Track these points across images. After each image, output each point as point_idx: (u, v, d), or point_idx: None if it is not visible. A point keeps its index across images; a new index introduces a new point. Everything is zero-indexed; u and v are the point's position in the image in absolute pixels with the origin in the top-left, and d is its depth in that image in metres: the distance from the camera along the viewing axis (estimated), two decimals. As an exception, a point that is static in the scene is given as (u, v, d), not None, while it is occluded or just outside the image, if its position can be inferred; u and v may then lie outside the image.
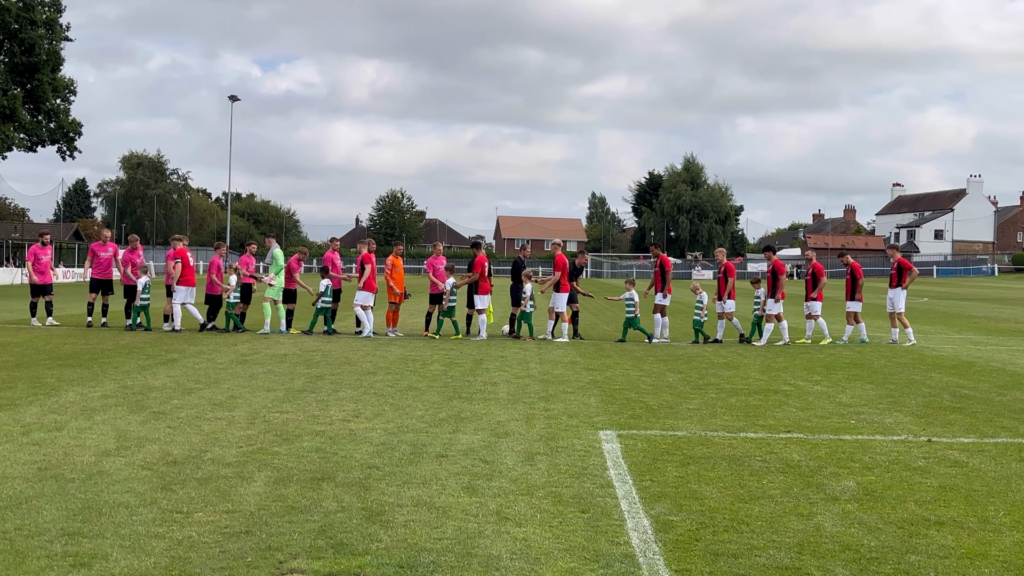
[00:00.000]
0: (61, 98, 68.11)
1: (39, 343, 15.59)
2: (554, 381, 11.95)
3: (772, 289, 18.18)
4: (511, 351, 15.90)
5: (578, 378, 12.32)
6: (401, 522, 5.44)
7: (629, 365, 14.07)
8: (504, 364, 13.87)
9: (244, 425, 8.37)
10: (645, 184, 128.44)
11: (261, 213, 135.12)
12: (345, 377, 11.96)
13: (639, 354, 15.81)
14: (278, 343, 16.48)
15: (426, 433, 8.17)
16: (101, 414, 8.78)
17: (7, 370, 11.91)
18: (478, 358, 14.62)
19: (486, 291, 18.50)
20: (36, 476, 6.30)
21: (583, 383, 11.81)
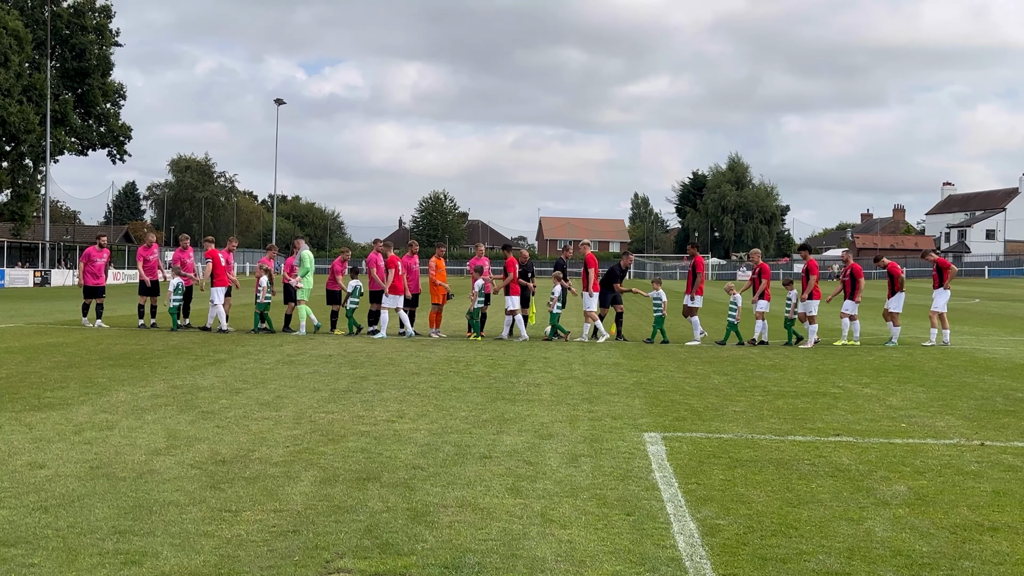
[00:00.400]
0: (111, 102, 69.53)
1: (91, 344, 15.91)
2: (598, 383, 11.91)
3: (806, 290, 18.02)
4: (554, 353, 15.87)
5: (622, 380, 12.26)
6: (446, 523, 5.45)
7: (673, 367, 13.96)
8: (547, 365, 13.85)
9: (291, 425, 8.46)
10: (689, 184, 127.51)
11: (306, 215, 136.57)
12: (389, 378, 12.03)
13: (683, 356, 15.68)
14: (323, 344, 16.63)
15: (470, 434, 8.19)
16: (151, 413, 8.93)
17: (60, 370, 12.18)
18: (521, 359, 14.62)
19: (517, 293, 18.48)
20: (88, 475, 6.43)
21: (627, 385, 11.75)
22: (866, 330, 20.15)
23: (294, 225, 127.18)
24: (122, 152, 71.38)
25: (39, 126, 59.07)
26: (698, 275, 18.48)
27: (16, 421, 8.38)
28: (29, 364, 12.75)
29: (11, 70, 57.44)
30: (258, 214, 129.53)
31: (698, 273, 18.51)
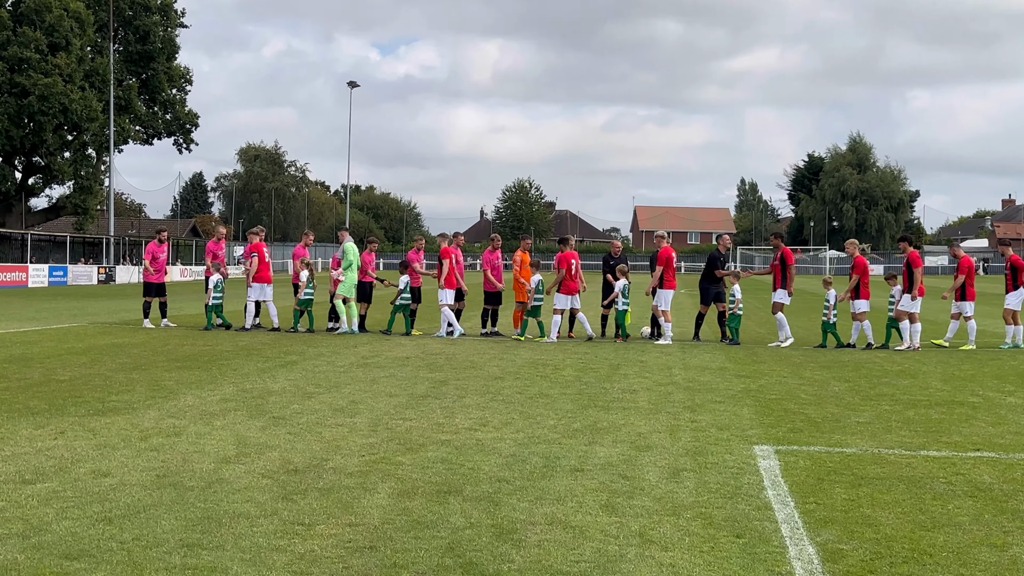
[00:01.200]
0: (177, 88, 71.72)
1: (156, 344, 16.46)
2: (701, 389, 11.79)
3: (908, 285, 17.52)
4: (651, 355, 15.75)
5: (728, 386, 12.12)
6: (534, 541, 5.45)
7: (787, 372, 13.71)
8: (644, 369, 13.77)
9: (366, 432, 8.59)
10: (803, 168, 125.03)
11: (381, 206, 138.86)
12: (471, 382, 12.12)
13: (798, 360, 15.38)
14: (400, 345, 16.86)
15: (559, 444, 8.19)
16: (220, 419, 9.18)
17: (125, 372, 12.63)
18: (615, 363, 14.56)
19: (572, 291, 18.37)
20: (155, 484, 6.64)
21: (734, 392, 11.61)
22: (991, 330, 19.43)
23: (368, 217, 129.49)
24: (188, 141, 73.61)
25: (102, 114, 61.15)
26: (788, 268, 18.07)
27: (80, 426, 8.71)
28: (93, 366, 13.26)
29: (72, 54, 59.72)
30: (330, 205, 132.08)
31: (788, 266, 18.11)
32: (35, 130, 60.16)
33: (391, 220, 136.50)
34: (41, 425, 8.70)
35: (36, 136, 60.38)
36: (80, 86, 60.24)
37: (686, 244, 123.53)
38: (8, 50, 57.80)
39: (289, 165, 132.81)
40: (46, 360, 13.81)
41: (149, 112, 70.76)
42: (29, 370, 12.66)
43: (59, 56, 58.80)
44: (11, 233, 58.50)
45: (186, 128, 72.80)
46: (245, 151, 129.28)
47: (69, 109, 58.39)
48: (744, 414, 9.96)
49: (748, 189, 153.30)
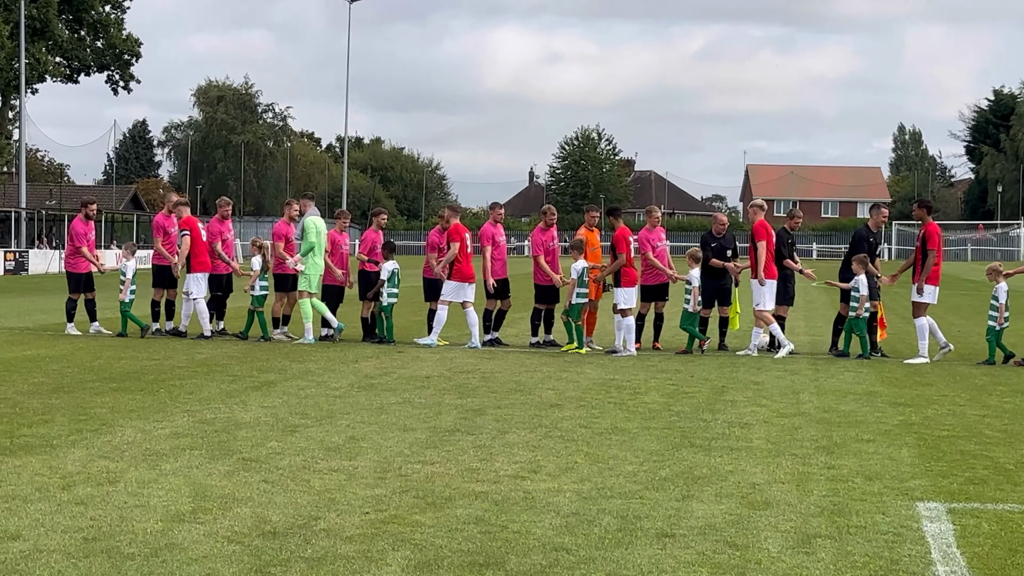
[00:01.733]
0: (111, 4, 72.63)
1: (84, 358, 16.67)
2: (841, 422, 11.69)
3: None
4: (770, 374, 15.65)
5: (880, 418, 12.00)
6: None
7: (964, 398, 13.56)
8: (760, 394, 13.68)
9: (371, 481, 8.61)
10: (988, 110, 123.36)
11: (391, 167, 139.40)
12: (516, 411, 12.12)
13: (980, 382, 15.19)
14: (417, 359, 16.91)
15: (641, 499, 8.15)
16: (170, 460, 9.26)
17: (42, 396, 12.80)
18: (719, 385, 14.48)
19: (633, 282, 18.33)
20: (81, 550, 6.71)
21: (888, 426, 11.50)
22: None
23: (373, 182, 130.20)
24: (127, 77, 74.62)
25: (9, 40, 62.03)
26: (930, 252, 17.68)
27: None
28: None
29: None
30: (322, 165, 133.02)
31: (928, 251, 17.72)
32: (-83, 62, 61.13)
33: (406, 186, 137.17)
34: (-73, 468, 8.84)
35: (-81, 70, 61.35)
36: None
37: (819, 218, 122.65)
38: None
39: (265, 110, 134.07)
40: (-66, 379, 14.04)
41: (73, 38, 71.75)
42: (-89, 393, 12.88)
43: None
44: None
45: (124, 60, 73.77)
46: (204, 91, 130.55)
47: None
48: (903, 458, 9.85)
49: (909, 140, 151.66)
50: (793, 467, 9.38)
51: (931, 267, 17.61)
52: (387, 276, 19.37)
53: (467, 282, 19.04)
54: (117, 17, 73.07)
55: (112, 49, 72.90)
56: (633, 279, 18.45)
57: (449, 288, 18.94)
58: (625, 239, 18.39)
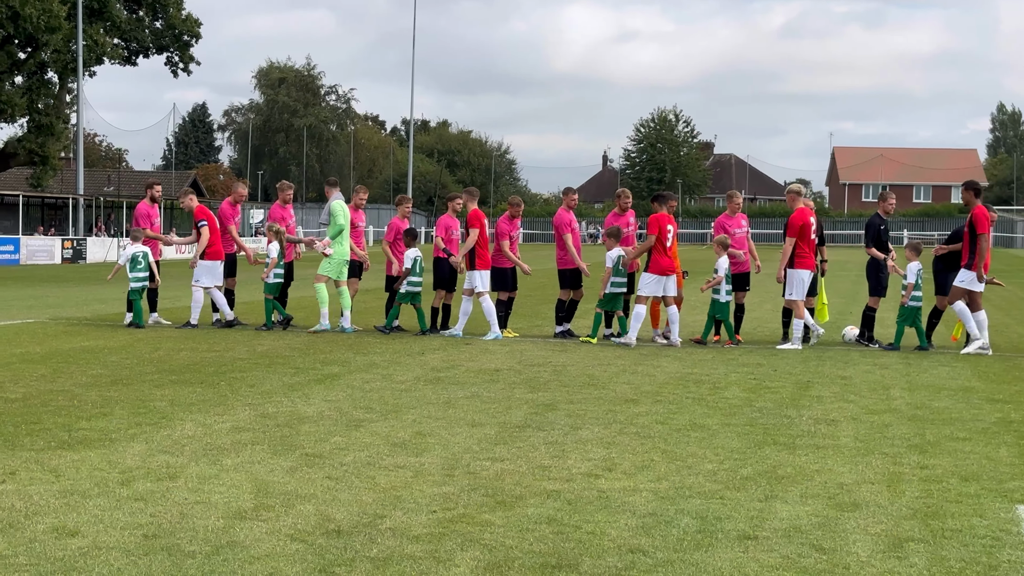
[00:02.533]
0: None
1: (143, 349, 16.89)
2: (935, 420, 11.58)
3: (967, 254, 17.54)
4: (858, 368, 15.53)
5: (977, 415, 11.87)
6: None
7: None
8: (847, 389, 13.58)
9: (438, 478, 8.64)
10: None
11: (458, 151, 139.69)
12: (590, 406, 12.12)
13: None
14: (485, 352, 16.94)
15: (721, 499, 8.12)
16: (232, 456, 9.36)
17: (100, 388, 12.98)
18: (804, 380, 14.39)
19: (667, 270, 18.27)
20: (141, 548, 6.79)
21: (986, 424, 11.37)
22: None
23: (440, 167, 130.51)
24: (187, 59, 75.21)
25: (67, 21, 62.77)
26: (980, 236, 17.38)
27: (37, 464, 8.98)
28: (56, 379, 13.67)
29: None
30: (386, 150, 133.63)
31: (979, 234, 17.43)
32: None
33: (473, 170, 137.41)
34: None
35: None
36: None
37: (911, 204, 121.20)
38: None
39: (328, 92, 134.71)
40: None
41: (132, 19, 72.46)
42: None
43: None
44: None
45: (183, 41, 74.35)
46: (265, 73, 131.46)
47: (20, 14, 60.02)
48: (1001, 457, 9.74)
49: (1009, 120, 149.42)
50: (883, 467, 9.30)
51: (980, 253, 17.47)
52: (409, 264, 19.44)
53: (484, 270, 19.22)
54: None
55: (171, 30, 73.53)
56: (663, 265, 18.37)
57: (477, 278, 19.11)
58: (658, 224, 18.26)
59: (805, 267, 18.13)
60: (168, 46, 74.41)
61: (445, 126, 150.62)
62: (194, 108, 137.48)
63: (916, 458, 9.66)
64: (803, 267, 18.11)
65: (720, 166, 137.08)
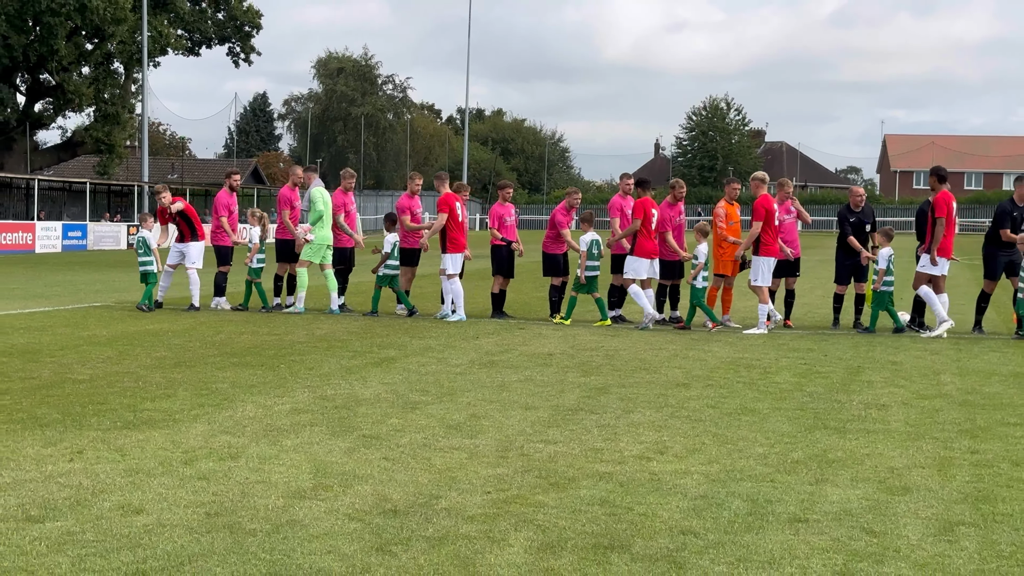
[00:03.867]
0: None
1: (206, 332, 17.04)
2: (986, 405, 11.48)
3: None
4: (909, 354, 15.41)
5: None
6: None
7: (1116, 381, 13.19)
8: (898, 374, 13.48)
9: (492, 460, 8.66)
10: None
11: (512, 139, 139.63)
12: (641, 390, 12.10)
13: None
14: (539, 336, 16.96)
15: (772, 483, 8.09)
16: (291, 436, 9.42)
17: (164, 370, 13.11)
18: (854, 365, 14.31)
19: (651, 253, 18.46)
20: (203, 525, 6.86)
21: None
22: None
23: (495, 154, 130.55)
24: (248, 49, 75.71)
25: (132, 13, 63.32)
26: (935, 223, 17.54)
27: (103, 444, 9.08)
28: (122, 361, 13.82)
29: (93, -67, 61.99)
30: (442, 138, 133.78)
31: (935, 219, 17.57)
32: (43, 36, 62.79)
33: (527, 158, 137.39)
34: (52, 442, 9.11)
35: (44, 45, 63.03)
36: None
37: (962, 191, 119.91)
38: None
39: (385, 82, 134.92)
40: (59, 353, 14.47)
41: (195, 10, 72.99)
42: (37, 366, 13.28)
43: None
44: (12, 179, 61.36)
45: (244, 32, 74.84)
46: (324, 63, 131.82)
47: (88, 7, 60.62)
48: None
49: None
50: (934, 451, 9.23)
51: (940, 236, 17.61)
52: (388, 248, 19.75)
53: (461, 252, 19.34)
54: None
55: (233, 21, 74.03)
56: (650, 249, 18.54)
57: (448, 260, 19.25)
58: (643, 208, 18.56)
59: (770, 254, 18.19)
60: (230, 37, 74.95)
61: (500, 115, 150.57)
62: (255, 97, 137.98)
63: (967, 443, 9.58)
64: (768, 254, 18.17)
65: (771, 154, 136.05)
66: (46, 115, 71.08)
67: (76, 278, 30.60)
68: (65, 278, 30.56)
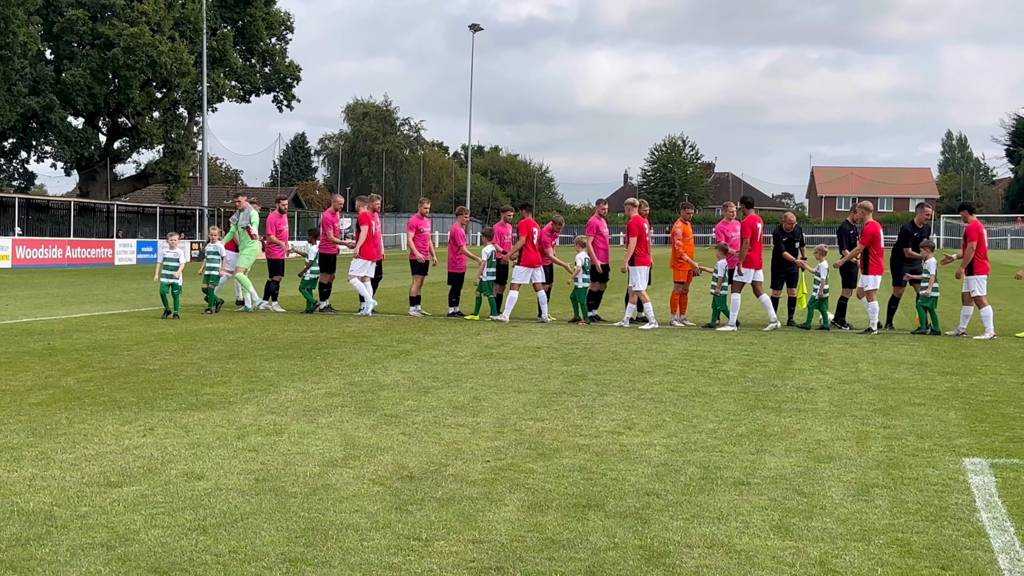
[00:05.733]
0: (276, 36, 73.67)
1: (255, 330, 17.02)
2: (896, 388, 11.48)
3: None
4: (833, 347, 15.42)
5: (930, 385, 11.76)
6: (691, 568, 5.41)
7: (1005, 368, 13.22)
8: (824, 363, 13.49)
9: (491, 434, 8.67)
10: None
11: (507, 170, 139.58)
12: (613, 377, 12.10)
13: (1020, 354, 14.78)
14: (529, 333, 16.96)
15: (720, 452, 8.10)
16: (326, 416, 9.42)
17: (220, 361, 13.09)
18: (788, 356, 14.32)
19: (533, 263, 18.61)
20: (253, 489, 6.86)
21: (938, 392, 11.26)
22: None
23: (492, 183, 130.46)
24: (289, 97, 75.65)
25: (194, 67, 63.32)
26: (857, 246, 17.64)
27: (171, 422, 9.08)
28: (185, 354, 13.80)
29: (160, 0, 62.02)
30: (449, 170, 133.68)
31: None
32: (120, 87, 62.85)
33: (519, 187, 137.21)
34: (128, 420, 9.11)
35: (121, 94, 63.09)
36: (169, 36, 62.55)
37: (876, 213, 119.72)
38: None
39: (402, 123, 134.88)
40: (134, 347, 14.46)
41: (246, 65, 72.94)
42: (116, 358, 13.27)
43: (146, 2, 61.17)
44: (96, 204, 61.33)
45: (287, 83, 74.77)
46: (352, 108, 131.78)
47: (157, 62, 60.67)
48: (950, 419, 9.66)
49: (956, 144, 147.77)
50: (853, 427, 9.24)
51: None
52: (312, 257, 20.43)
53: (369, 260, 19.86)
54: (281, 47, 74.14)
55: (277, 74, 74.04)
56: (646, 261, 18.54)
57: (356, 264, 19.71)
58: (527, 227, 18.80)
59: (643, 264, 18.28)
60: (275, 87, 74.99)
61: (496, 151, 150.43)
62: (295, 137, 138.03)
63: (880, 420, 9.60)
64: (641, 264, 18.27)
65: (719, 182, 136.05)
66: (123, 151, 71.12)
67: (149, 286, 30.51)
68: (139, 286, 30.52)
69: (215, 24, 68.57)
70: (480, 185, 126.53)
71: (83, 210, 58.95)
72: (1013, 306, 21.85)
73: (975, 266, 17.26)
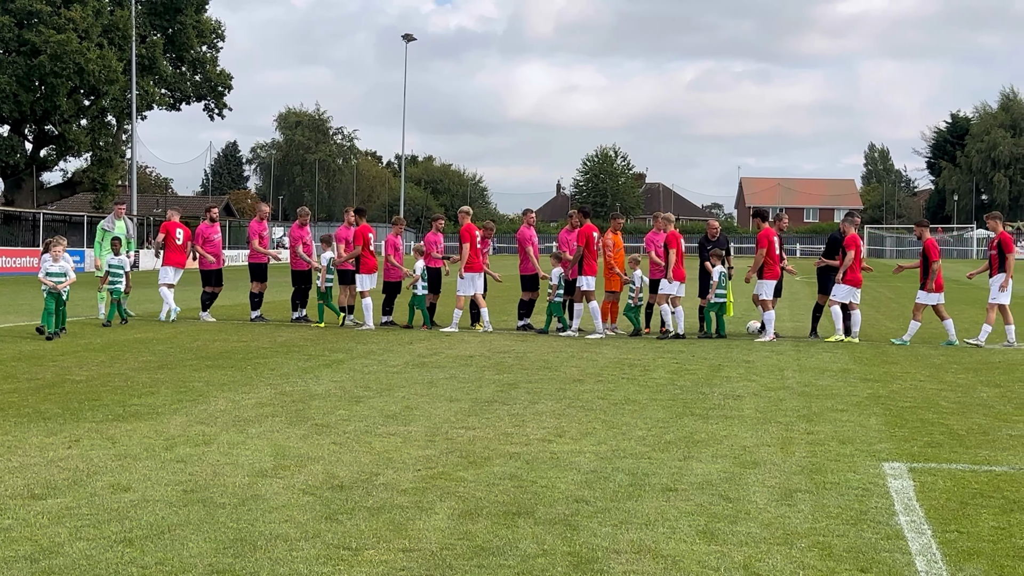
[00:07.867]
0: (207, 44, 72.91)
1: (184, 340, 16.81)
2: (819, 395, 11.64)
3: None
4: (759, 355, 15.61)
5: (852, 391, 11.94)
6: (619, 573, 5.46)
7: (924, 375, 13.47)
8: (751, 371, 13.64)
9: (422, 443, 8.66)
10: (946, 131, 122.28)
11: (440, 180, 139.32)
12: (545, 385, 12.14)
13: (938, 361, 15.08)
14: (462, 342, 16.96)
15: (648, 459, 8.16)
16: (255, 426, 9.34)
17: (149, 372, 12.92)
18: (716, 363, 14.46)
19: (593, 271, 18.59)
20: (181, 500, 6.78)
21: (859, 398, 11.43)
22: None
23: (426, 193, 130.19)
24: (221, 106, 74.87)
25: (123, 75, 62.45)
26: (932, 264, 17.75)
27: (97, 433, 8.94)
28: (113, 364, 13.59)
29: (89, 6, 61.06)
30: (383, 179, 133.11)
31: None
32: (47, 94, 61.73)
33: (453, 196, 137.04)
34: (53, 432, 8.96)
35: (48, 101, 61.98)
36: (98, 43, 61.56)
37: (803, 223, 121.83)
38: (16, 2, 59.33)
39: (335, 132, 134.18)
40: (60, 358, 14.21)
41: (176, 73, 72.10)
42: (41, 369, 13.03)
43: (73, 8, 60.21)
44: (21, 212, 60.16)
45: (218, 91, 74.02)
46: (285, 117, 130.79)
47: (85, 70, 59.67)
48: (871, 425, 9.81)
49: (878, 156, 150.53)
50: (778, 433, 9.36)
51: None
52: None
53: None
54: (212, 55, 73.39)
55: (208, 82, 73.31)
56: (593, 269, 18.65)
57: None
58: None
59: (590, 272, 18.40)
60: (206, 95, 74.23)
61: (430, 160, 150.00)
62: (226, 145, 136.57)
63: (804, 426, 9.73)
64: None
65: (650, 192, 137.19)
66: (50, 159, 69.86)
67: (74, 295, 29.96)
68: (66, 295, 29.95)
69: (144, 31, 67.66)
70: (414, 195, 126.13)
71: (8, 219, 57.81)
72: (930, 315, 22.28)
73: (764, 271, 18.11)
